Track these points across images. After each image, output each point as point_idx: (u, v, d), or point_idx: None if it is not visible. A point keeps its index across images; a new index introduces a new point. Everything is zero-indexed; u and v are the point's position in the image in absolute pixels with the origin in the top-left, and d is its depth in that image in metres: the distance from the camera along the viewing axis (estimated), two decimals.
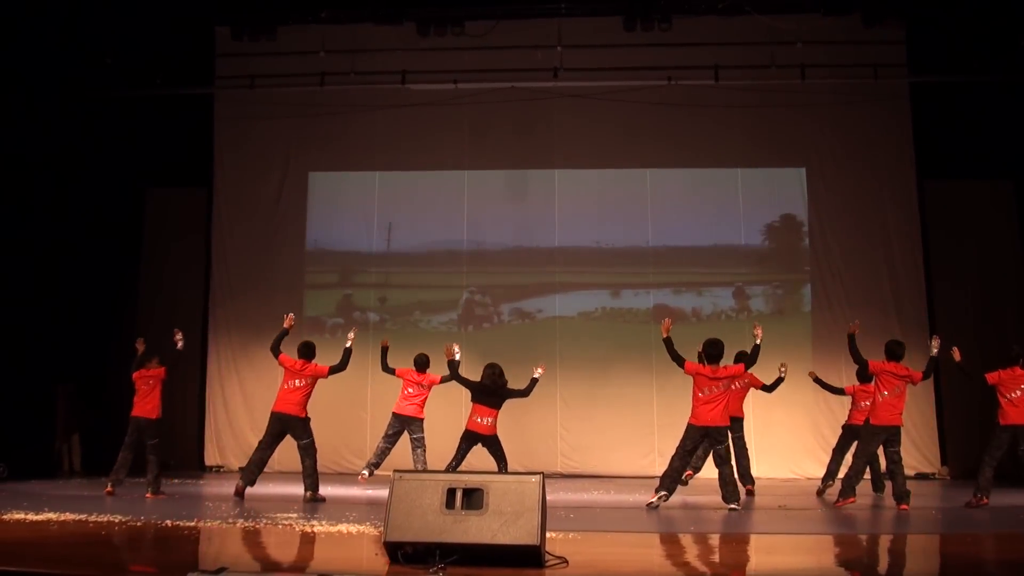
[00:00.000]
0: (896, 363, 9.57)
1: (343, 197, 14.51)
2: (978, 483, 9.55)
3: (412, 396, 11.02)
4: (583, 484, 12.05)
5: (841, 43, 13.19)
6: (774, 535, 7.77)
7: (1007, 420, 9.53)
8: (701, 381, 9.27)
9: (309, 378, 9.95)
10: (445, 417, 11.88)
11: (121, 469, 10.13)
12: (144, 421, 10.18)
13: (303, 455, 9.84)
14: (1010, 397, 9.55)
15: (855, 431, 10.48)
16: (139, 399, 10.23)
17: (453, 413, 11.99)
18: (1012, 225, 13.86)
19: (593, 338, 13.90)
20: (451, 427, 11.12)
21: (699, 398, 9.27)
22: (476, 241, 14.30)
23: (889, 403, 9.45)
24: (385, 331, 14.04)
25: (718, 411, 9.24)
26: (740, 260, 14.13)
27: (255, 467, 9.86)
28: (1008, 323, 13.52)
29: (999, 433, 9.62)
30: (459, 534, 5.57)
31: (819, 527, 8.31)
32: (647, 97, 13.50)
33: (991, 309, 13.71)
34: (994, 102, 13.29)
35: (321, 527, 7.36)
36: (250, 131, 14.29)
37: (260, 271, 14.19)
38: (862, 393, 10.71)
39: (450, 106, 13.77)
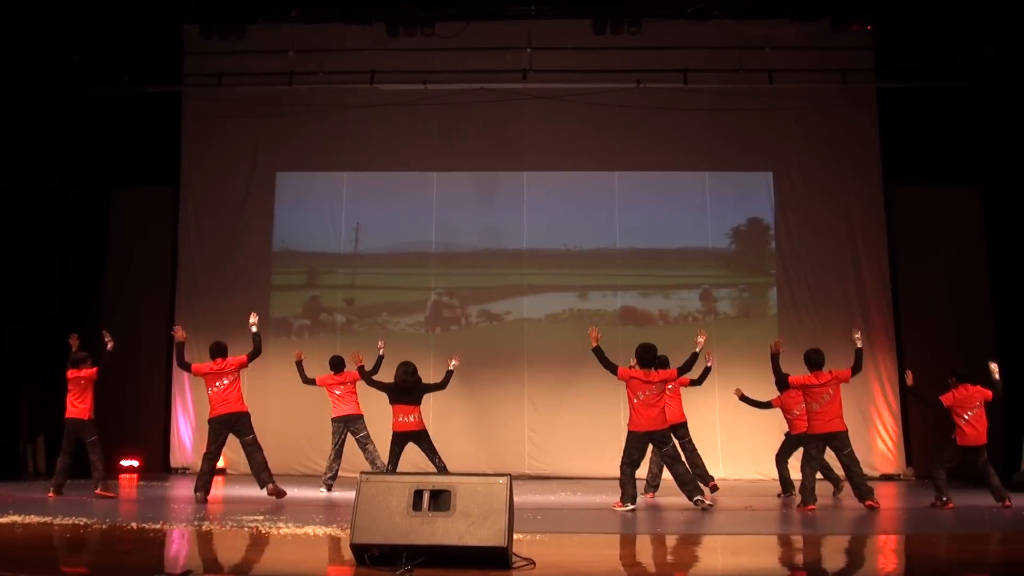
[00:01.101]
0: (817, 372, 9.63)
1: (311, 197, 14.44)
2: (936, 487, 9.63)
3: (341, 397, 11.00)
4: (550, 486, 12.07)
5: (809, 48, 13.32)
6: (739, 536, 7.81)
7: (965, 441, 9.61)
8: (635, 385, 9.36)
9: (233, 373, 9.83)
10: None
11: (61, 475, 9.99)
12: (78, 423, 10.06)
13: (252, 451, 9.73)
14: (966, 418, 9.61)
15: (795, 439, 10.64)
16: (72, 400, 10.12)
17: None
18: (978, 231, 14.07)
19: (560, 340, 13.93)
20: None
21: (635, 403, 9.35)
22: (444, 243, 14.29)
23: (823, 411, 9.49)
24: (352, 332, 14.03)
25: (656, 414, 9.30)
26: (707, 263, 14.23)
27: (208, 476, 9.73)
28: (974, 328, 13.74)
29: (952, 449, 9.70)
30: (426, 536, 5.56)
31: (784, 528, 8.37)
32: (616, 100, 13.57)
33: (957, 314, 13.92)
34: (961, 108, 13.50)
35: (287, 529, 7.31)
36: (218, 130, 14.20)
37: (227, 271, 14.10)
38: (791, 401, 10.78)
39: (419, 107, 13.75)
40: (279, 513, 8.52)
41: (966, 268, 14.07)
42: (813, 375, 9.66)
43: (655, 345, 9.62)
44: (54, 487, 9.90)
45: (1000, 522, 8.52)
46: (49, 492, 9.83)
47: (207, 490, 9.63)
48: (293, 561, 6.31)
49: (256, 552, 6.67)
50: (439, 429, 11.60)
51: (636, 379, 9.39)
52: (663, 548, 7.23)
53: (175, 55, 14.06)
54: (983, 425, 9.63)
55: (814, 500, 9.44)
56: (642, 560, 6.75)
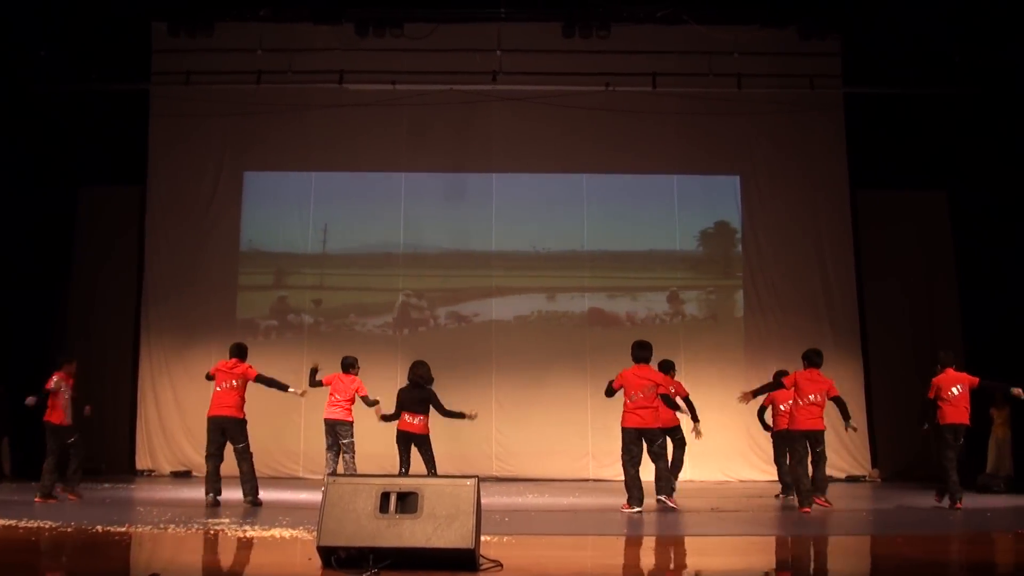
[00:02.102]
0: (815, 370, 9.73)
1: (278, 197, 14.36)
2: (949, 489, 9.68)
3: (338, 402, 10.94)
4: (518, 487, 12.08)
5: (777, 54, 13.43)
6: (706, 536, 7.87)
7: (946, 420, 9.78)
8: (631, 384, 9.37)
9: (240, 379, 9.79)
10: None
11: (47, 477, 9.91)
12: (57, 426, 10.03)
13: (240, 459, 9.69)
14: (947, 397, 9.81)
15: (782, 436, 10.75)
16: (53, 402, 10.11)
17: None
18: (945, 235, 14.26)
19: (528, 342, 13.95)
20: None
21: (628, 404, 9.40)
22: (413, 244, 14.26)
23: (808, 408, 9.61)
24: (319, 334, 13.97)
25: (648, 413, 9.36)
26: (675, 265, 14.31)
27: (214, 477, 9.66)
28: (940, 330, 13.92)
29: (944, 433, 9.83)
30: (393, 538, 5.55)
31: (750, 528, 8.44)
32: (585, 103, 13.61)
33: (923, 318, 14.11)
34: (927, 114, 13.68)
35: (254, 532, 7.28)
36: (185, 129, 14.09)
37: (194, 271, 13.99)
38: (780, 397, 10.86)
39: (388, 107, 13.71)
40: (245, 516, 8.47)
41: (932, 272, 14.26)
42: (811, 371, 9.71)
43: (650, 343, 9.66)
44: (41, 491, 9.78)
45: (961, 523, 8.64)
46: (36, 497, 9.71)
47: (216, 490, 9.57)
48: (259, 564, 6.28)
49: (222, 555, 6.64)
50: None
51: (630, 376, 9.39)
52: (630, 550, 7.27)
53: (143, 53, 13.92)
54: (964, 405, 9.80)
55: (811, 502, 9.48)
56: (609, 562, 6.78)
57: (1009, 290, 12.71)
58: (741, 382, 13.57)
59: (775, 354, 13.44)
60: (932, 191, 14.35)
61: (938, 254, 14.25)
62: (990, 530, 8.26)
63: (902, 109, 13.65)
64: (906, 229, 14.28)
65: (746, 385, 13.44)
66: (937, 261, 14.25)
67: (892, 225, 14.24)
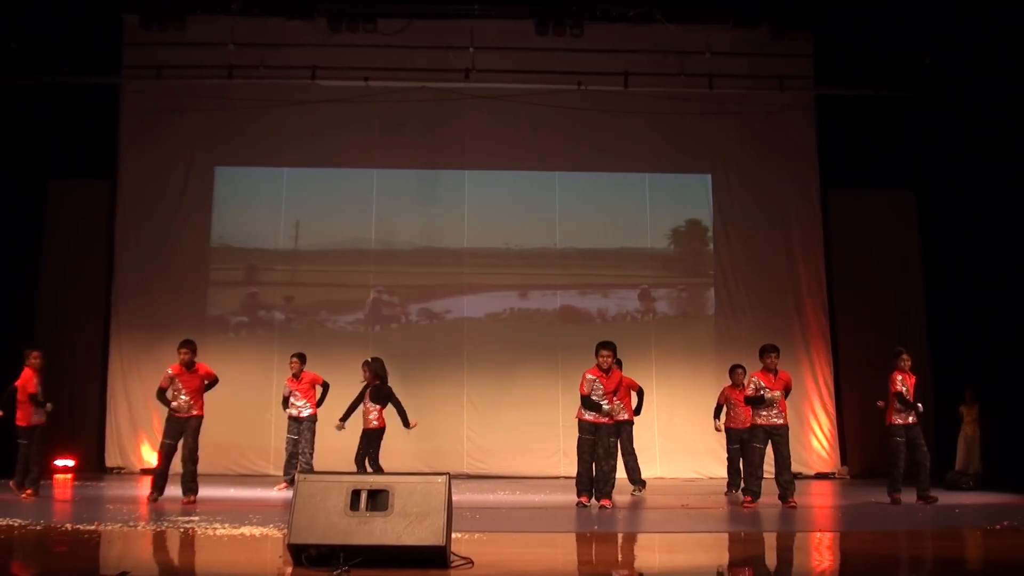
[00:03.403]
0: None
1: (250, 193, 14.29)
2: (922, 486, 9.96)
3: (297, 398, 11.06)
4: (489, 485, 12.10)
5: (749, 54, 13.49)
6: (676, 533, 7.94)
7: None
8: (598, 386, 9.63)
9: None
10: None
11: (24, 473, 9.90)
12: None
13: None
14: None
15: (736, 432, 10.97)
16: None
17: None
18: (913, 234, 14.42)
19: (500, 339, 13.98)
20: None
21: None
22: (384, 240, 14.24)
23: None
24: (290, 330, 13.92)
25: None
26: (646, 263, 14.37)
27: (179, 476, 9.69)
28: (908, 330, 14.10)
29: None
30: (364, 535, 5.56)
31: (720, 525, 8.52)
32: (557, 101, 13.63)
33: (891, 317, 14.26)
34: (897, 115, 13.82)
35: (224, 530, 7.26)
36: (156, 123, 13.97)
37: (164, 267, 13.88)
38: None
39: (360, 103, 13.67)
40: (215, 514, 8.44)
41: (901, 271, 14.40)
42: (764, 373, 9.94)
43: (614, 343, 9.81)
44: (20, 486, 9.73)
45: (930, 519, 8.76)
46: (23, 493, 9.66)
47: (193, 490, 9.59)
48: (229, 562, 6.27)
49: (193, 553, 6.62)
50: None
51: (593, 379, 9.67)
52: (601, 546, 7.31)
53: (114, 46, 13.78)
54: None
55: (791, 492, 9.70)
56: (580, 558, 6.82)
57: (975, 290, 12.88)
58: (712, 380, 13.69)
59: (746, 352, 13.47)
60: (901, 191, 14.50)
61: (906, 254, 14.41)
62: (960, 526, 8.37)
63: (872, 110, 13.76)
64: (875, 229, 14.41)
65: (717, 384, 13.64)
66: (905, 261, 14.40)
67: (861, 225, 14.37)
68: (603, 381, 9.66)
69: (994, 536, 7.56)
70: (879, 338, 13.75)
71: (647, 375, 13.40)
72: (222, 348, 13.56)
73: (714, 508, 9.80)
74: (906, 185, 14.44)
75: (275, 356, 13.30)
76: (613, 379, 9.76)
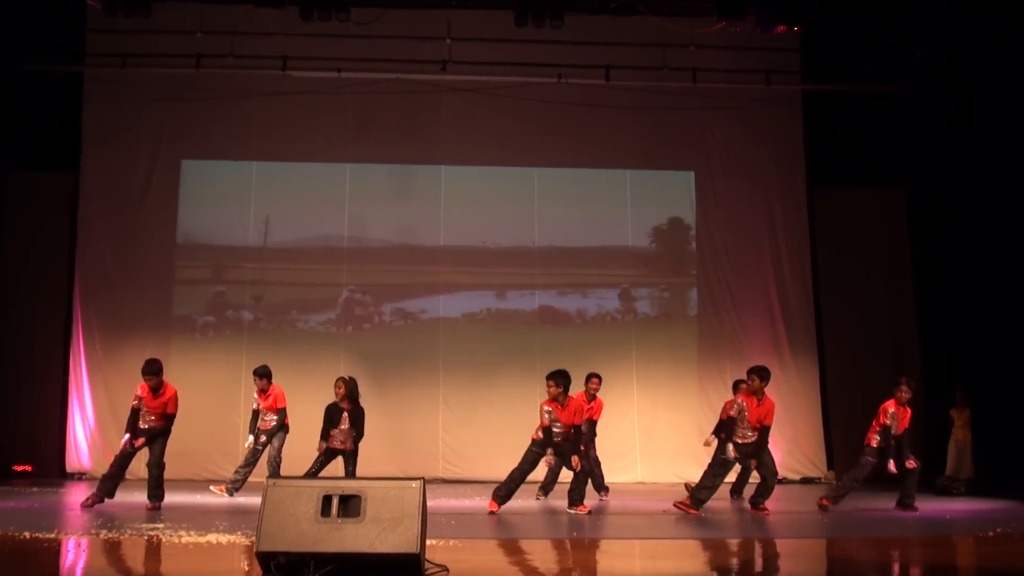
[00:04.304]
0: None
1: (217, 187, 14.17)
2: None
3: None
4: (465, 490, 12.05)
5: (734, 48, 13.52)
6: (658, 540, 7.93)
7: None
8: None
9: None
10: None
11: None
12: None
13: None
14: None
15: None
16: None
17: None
18: (903, 234, 14.50)
19: (477, 340, 13.95)
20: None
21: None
22: (357, 237, 14.17)
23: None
24: (259, 331, 13.83)
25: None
26: (627, 262, 14.38)
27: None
28: (897, 332, 14.17)
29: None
30: (335, 543, 5.51)
31: (702, 532, 8.51)
32: (537, 94, 13.61)
33: (880, 318, 14.32)
34: (887, 111, 13.90)
35: (189, 537, 7.19)
36: (120, 114, 13.84)
37: (128, 265, 13.75)
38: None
39: (333, 95, 13.61)
40: (181, 520, 8.36)
41: (890, 271, 14.49)
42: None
43: (562, 371, 9.79)
44: None
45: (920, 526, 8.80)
46: None
47: (158, 496, 9.54)
48: (195, 571, 6.21)
49: (157, 562, 6.55)
50: None
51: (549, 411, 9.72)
52: (581, 553, 7.29)
53: (77, 32, 13.62)
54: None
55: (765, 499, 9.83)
56: (559, 566, 6.80)
57: (966, 290, 12.95)
58: (694, 382, 13.79)
59: (728, 354, 13.62)
60: (890, 189, 14.59)
61: (896, 254, 14.49)
62: (950, 533, 8.41)
63: (861, 106, 13.83)
64: (863, 228, 14.49)
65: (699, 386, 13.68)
66: (894, 261, 14.48)
67: (849, 224, 14.45)
68: (558, 412, 9.62)
69: (987, 543, 7.58)
70: (867, 340, 13.82)
71: (627, 377, 13.45)
72: (188, 349, 13.48)
73: (697, 513, 9.78)
74: (896, 183, 14.53)
75: (243, 357, 13.19)
76: (570, 408, 9.69)
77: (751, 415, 9.82)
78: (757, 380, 9.91)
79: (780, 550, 7.57)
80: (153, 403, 9.60)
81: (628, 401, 13.11)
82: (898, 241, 14.49)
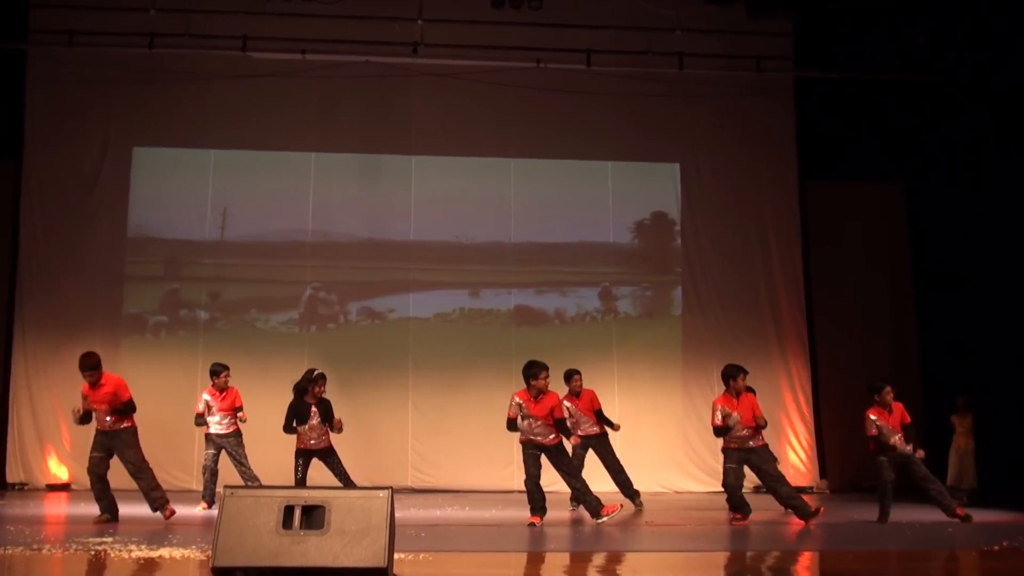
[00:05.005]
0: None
1: (172, 177, 14.05)
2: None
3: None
4: (436, 499, 12.07)
5: (723, 32, 13.55)
6: (640, 553, 7.93)
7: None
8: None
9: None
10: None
11: None
12: None
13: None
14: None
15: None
16: None
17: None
18: (901, 230, 14.57)
19: (449, 341, 13.92)
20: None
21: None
22: (322, 232, 14.11)
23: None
24: (216, 330, 13.74)
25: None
26: (608, 259, 14.39)
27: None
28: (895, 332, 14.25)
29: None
30: (297, 557, 5.50)
31: (688, 544, 8.52)
32: (514, 80, 13.60)
33: (875, 319, 14.39)
34: (885, 101, 13.95)
35: (140, 552, 7.13)
36: (68, 96, 13.69)
37: (75, 259, 13.62)
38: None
39: (297, 79, 13.55)
40: (131, 534, 8.28)
41: (887, 270, 14.57)
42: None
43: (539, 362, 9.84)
44: None
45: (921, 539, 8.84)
46: None
47: (160, 501, 9.56)
48: None
49: None
50: None
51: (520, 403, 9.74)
52: (559, 567, 7.28)
53: (20, 7, 13.49)
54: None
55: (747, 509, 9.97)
56: None
57: (969, 289, 12.96)
58: (678, 385, 13.82)
59: (715, 356, 13.62)
60: (888, 183, 14.67)
61: (893, 251, 14.56)
62: (953, 547, 8.42)
63: (858, 95, 13.88)
64: (859, 224, 14.57)
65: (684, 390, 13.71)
66: (892, 258, 14.56)
67: (843, 219, 14.52)
68: (531, 407, 9.64)
69: (992, 558, 7.58)
70: (862, 342, 13.90)
71: (608, 380, 13.45)
72: (139, 350, 13.38)
73: (681, 525, 9.81)
74: (894, 177, 14.60)
75: (199, 359, 13.08)
76: (544, 405, 9.69)
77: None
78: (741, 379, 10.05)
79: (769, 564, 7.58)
80: (97, 395, 9.44)
81: (609, 406, 13.02)
82: (896, 238, 14.57)
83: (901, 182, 14.62)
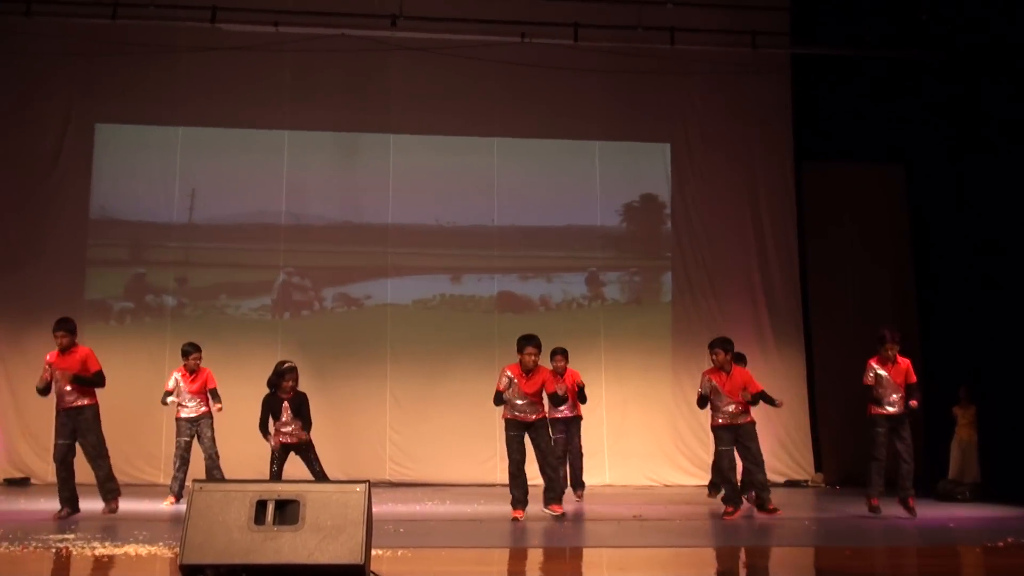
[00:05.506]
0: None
1: (137, 155, 13.98)
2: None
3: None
4: (415, 493, 12.07)
5: (717, 6, 13.57)
6: (628, 548, 7.95)
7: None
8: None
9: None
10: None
11: None
12: None
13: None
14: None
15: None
16: None
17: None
18: (902, 214, 14.60)
19: (429, 329, 13.93)
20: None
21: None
22: (296, 214, 14.07)
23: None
24: (184, 317, 13.69)
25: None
26: (595, 243, 14.41)
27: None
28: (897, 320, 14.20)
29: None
30: (270, 554, 5.48)
31: (678, 539, 8.55)
32: (497, 55, 13.55)
33: (873, 305, 14.40)
34: (886, 79, 13.97)
35: (104, 549, 7.10)
36: (25, 69, 13.60)
37: (34, 242, 13.54)
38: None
39: (269, 53, 13.47)
40: (94, 530, 8.25)
41: (886, 255, 14.60)
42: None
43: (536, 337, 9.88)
44: None
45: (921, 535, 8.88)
46: None
47: (113, 492, 9.60)
48: None
49: None
50: None
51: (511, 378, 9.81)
52: (543, 563, 7.29)
53: None
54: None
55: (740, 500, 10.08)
56: None
57: (972, 276, 12.97)
58: (668, 374, 13.85)
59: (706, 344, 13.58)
60: (889, 165, 14.70)
61: (893, 236, 14.60)
62: (955, 543, 8.45)
63: (857, 73, 13.90)
64: (857, 207, 14.61)
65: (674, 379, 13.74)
66: (892, 243, 14.60)
67: (841, 202, 14.56)
68: (522, 383, 9.69)
69: (996, 554, 7.58)
70: (859, 330, 13.90)
71: (595, 369, 13.48)
72: (103, 338, 13.25)
73: (671, 519, 9.85)
74: (895, 158, 14.62)
75: (166, 347, 13.05)
76: (535, 381, 9.74)
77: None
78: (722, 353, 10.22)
79: (762, 560, 7.61)
80: (65, 362, 9.40)
81: (596, 396, 13.08)
82: (896, 222, 14.60)
83: (902, 164, 14.64)
